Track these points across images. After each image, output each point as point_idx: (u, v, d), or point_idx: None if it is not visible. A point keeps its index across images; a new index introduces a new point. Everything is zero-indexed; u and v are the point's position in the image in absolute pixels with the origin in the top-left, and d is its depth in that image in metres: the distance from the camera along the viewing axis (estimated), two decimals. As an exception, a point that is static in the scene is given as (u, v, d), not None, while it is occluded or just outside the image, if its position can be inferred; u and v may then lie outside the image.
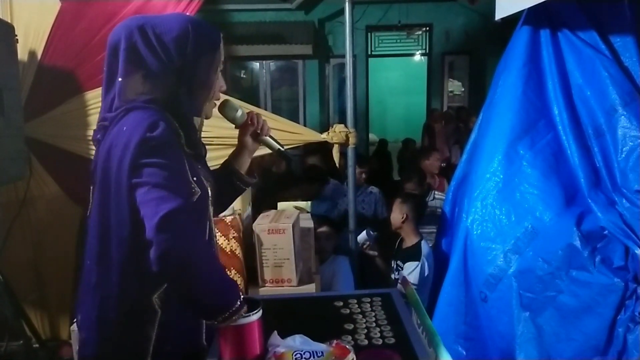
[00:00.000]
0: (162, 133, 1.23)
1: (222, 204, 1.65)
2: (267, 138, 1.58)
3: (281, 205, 2.89)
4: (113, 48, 1.34)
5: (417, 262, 2.87)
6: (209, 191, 1.43)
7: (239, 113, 1.53)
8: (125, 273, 1.28)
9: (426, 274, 2.85)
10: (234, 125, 1.59)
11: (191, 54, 1.32)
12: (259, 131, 1.56)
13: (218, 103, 1.50)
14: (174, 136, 1.30)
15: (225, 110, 1.53)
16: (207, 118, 1.46)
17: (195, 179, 1.34)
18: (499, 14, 2.51)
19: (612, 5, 2.36)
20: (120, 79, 1.32)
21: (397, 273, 3.05)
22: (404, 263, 2.97)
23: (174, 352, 1.35)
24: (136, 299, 1.30)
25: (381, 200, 4.05)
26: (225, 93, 1.53)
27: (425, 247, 2.96)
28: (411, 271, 2.84)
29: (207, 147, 1.52)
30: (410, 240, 3.06)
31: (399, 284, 1.67)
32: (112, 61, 1.34)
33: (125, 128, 1.26)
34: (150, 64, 1.31)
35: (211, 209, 1.47)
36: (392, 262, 3.15)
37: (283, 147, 1.61)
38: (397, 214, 3.09)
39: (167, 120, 1.28)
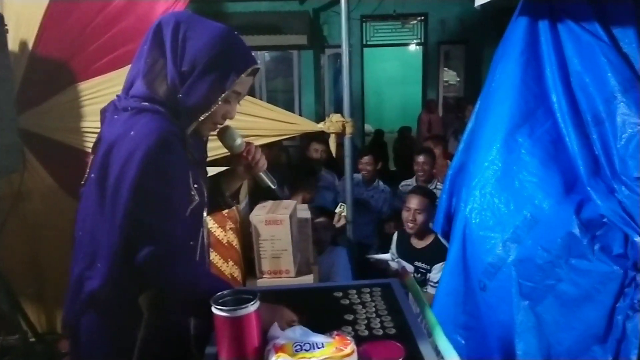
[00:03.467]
0: (167, 153, 1.25)
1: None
2: (260, 174, 1.57)
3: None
4: (151, 31, 1.34)
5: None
6: (205, 198, 1.45)
7: (237, 142, 1.53)
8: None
9: None
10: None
11: (199, 68, 1.30)
12: (252, 165, 1.55)
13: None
14: (179, 147, 1.31)
15: (223, 137, 1.52)
16: (203, 137, 1.47)
17: (196, 186, 1.37)
18: (479, 1, 2.48)
19: (610, -10, 2.34)
20: (147, 60, 1.33)
21: (418, 275, 2.88)
22: (428, 265, 2.84)
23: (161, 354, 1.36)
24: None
25: (389, 200, 4.08)
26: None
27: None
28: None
29: None
30: (426, 239, 2.94)
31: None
32: (144, 42, 1.35)
33: (133, 133, 1.25)
34: (166, 60, 1.31)
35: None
36: (411, 263, 2.94)
37: (275, 185, 1.61)
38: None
39: (174, 129, 1.30)
